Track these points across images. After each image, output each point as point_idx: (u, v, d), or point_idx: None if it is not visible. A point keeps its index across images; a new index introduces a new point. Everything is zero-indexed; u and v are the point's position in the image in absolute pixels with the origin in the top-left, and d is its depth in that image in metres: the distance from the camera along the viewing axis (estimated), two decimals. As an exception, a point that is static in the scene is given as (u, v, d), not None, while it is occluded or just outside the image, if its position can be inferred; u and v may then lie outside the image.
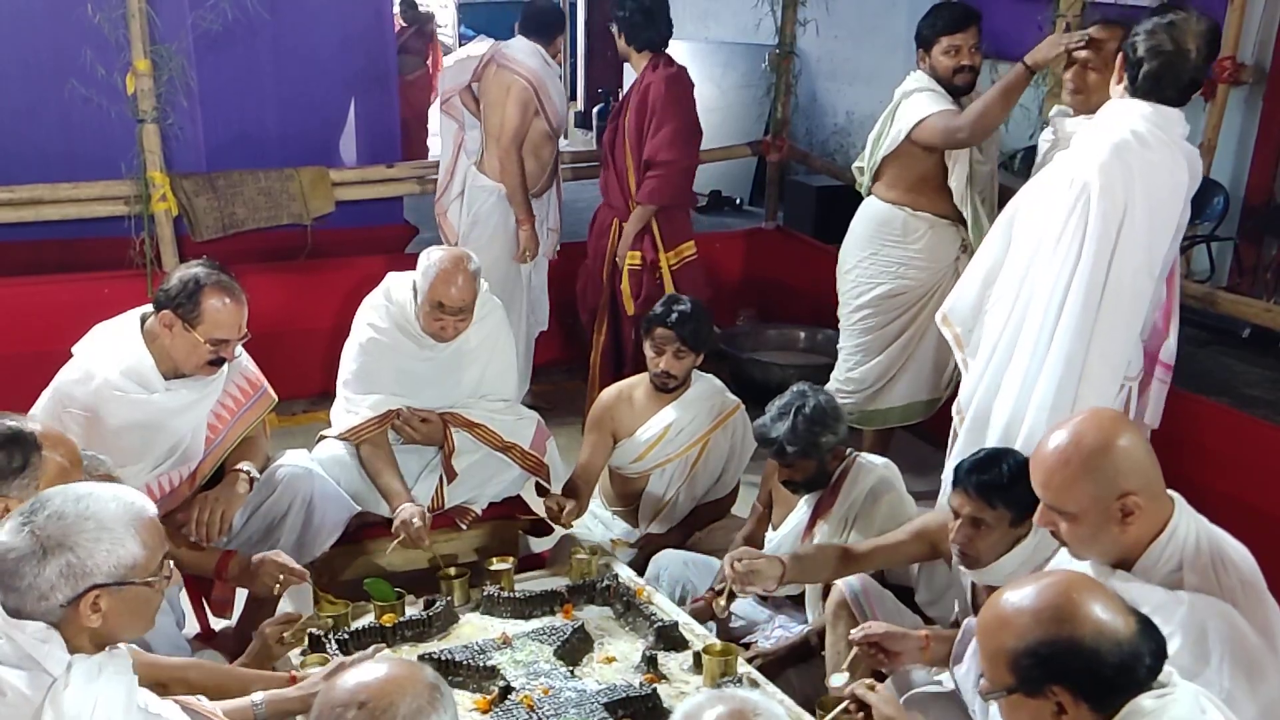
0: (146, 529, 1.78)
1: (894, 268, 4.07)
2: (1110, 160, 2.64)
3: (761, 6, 5.67)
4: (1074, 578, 1.62)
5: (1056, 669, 1.52)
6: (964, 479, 2.41)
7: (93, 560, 1.71)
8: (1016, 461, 2.38)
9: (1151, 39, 2.67)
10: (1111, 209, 2.62)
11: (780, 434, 2.89)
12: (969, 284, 2.99)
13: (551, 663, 2.63)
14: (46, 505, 1.73)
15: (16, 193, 4.57)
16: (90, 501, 1.75)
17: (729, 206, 8.88)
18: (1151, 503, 1.92)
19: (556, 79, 4.77)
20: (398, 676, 1.50)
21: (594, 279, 4.73)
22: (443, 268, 3.19)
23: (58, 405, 2.76)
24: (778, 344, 5.60)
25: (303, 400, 4.87)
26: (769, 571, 2.66)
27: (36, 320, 4.49)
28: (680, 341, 3.36)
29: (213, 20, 4.52)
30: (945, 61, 3.86)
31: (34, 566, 1.68)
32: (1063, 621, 1.53)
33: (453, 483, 3.35)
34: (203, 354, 2.82)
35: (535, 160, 4.72)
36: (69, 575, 1.69)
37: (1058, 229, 2.69)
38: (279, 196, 4.90)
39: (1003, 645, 1.56)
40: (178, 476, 2.93)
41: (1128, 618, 1.54)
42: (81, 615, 1.71)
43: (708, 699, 1.51)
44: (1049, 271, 2.70)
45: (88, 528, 1.71)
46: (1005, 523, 2.37)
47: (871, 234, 4.11)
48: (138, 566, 1.75)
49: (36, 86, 4.70)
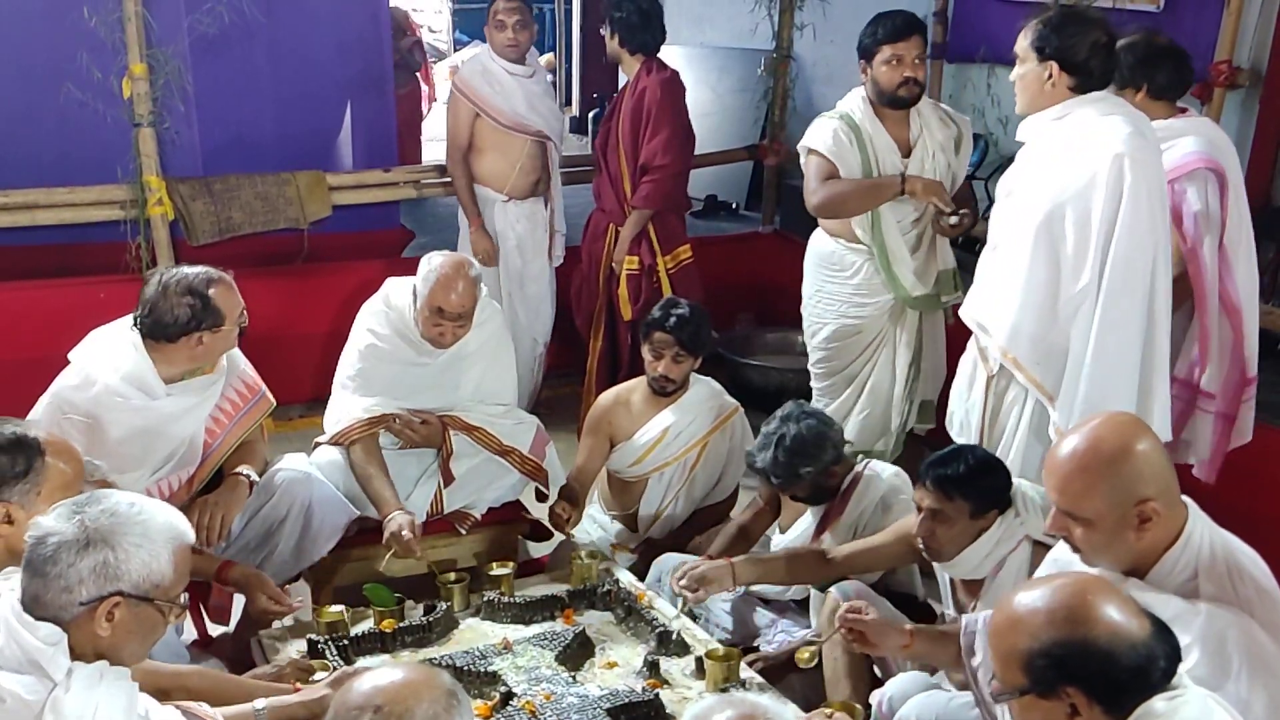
0: (181, 554, 1.80)
1: (837, 305, 3.81)
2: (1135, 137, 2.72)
3: (759, 11, 5.67)
4: (1088, 579, 1.61)
5: (1071, 670, 1.51)
6: (924, 473, 2.48)
7: (128, 565, 1.72)
8: (977, 457, 2.47)
9: (1087, 36, 2.77)
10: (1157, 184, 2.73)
11: (764, 465, 2.93)
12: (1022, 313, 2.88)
13: (553, 668, 2.62)
14: (102, 500, 1.76)
15: (11, 197, 4.54)
16: (143, 508, 1.78)
17: (725, 211, 8.87)
18: (1168, 510, 1.90)
19: (502, 75, 4.66)
20: (415, 681, 1.49)
21: (589, 284, 4.72)
22: (443, 273, 3.18)
23: (57, 411, 2.75)
24: (776, 348, 5.59)
25: (299, 405, 4.84)
26: (716, 576, 2.76)
27: (32, 325, 4.47)
28: (679, 345, 3.35)
29: (209, 24, 4.50)
30: (887, 73, 3.56)
31: (71, 555, 1.69)
32: (1077, 622, 1.52)
33: (451, 487, 3.33)
34: (233, 338, 2.91)
35: (501, 157, 4.71)
36: (101, 573, 1.70)
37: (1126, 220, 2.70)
38: (275, 201, 4.89)
39: (1015, 646, 1.55)
40: (176, 481, 2.92)
41: (1141, 620, 1.53)
42: (96, 620, 1.71)
43: (717, 703, 1.51)
44: (1138, 266, 2.73)
45: (134, 532, 1.74)
46: (965, 515, 2.42)
47: (813, 268, 3.90)
48: (163, 587, 1.77)
49: (32, 90, 4.66)
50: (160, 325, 2.79)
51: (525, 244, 4.80)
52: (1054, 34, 2.79)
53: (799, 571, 2.84)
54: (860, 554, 2.78)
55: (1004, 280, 2.91)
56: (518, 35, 4.61)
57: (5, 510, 1.99)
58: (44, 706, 1.64)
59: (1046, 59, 2.80)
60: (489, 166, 4.73)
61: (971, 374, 3.15)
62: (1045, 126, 2.85)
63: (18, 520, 1.99)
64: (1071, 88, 2.80)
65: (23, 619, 1.69)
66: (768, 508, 3.25)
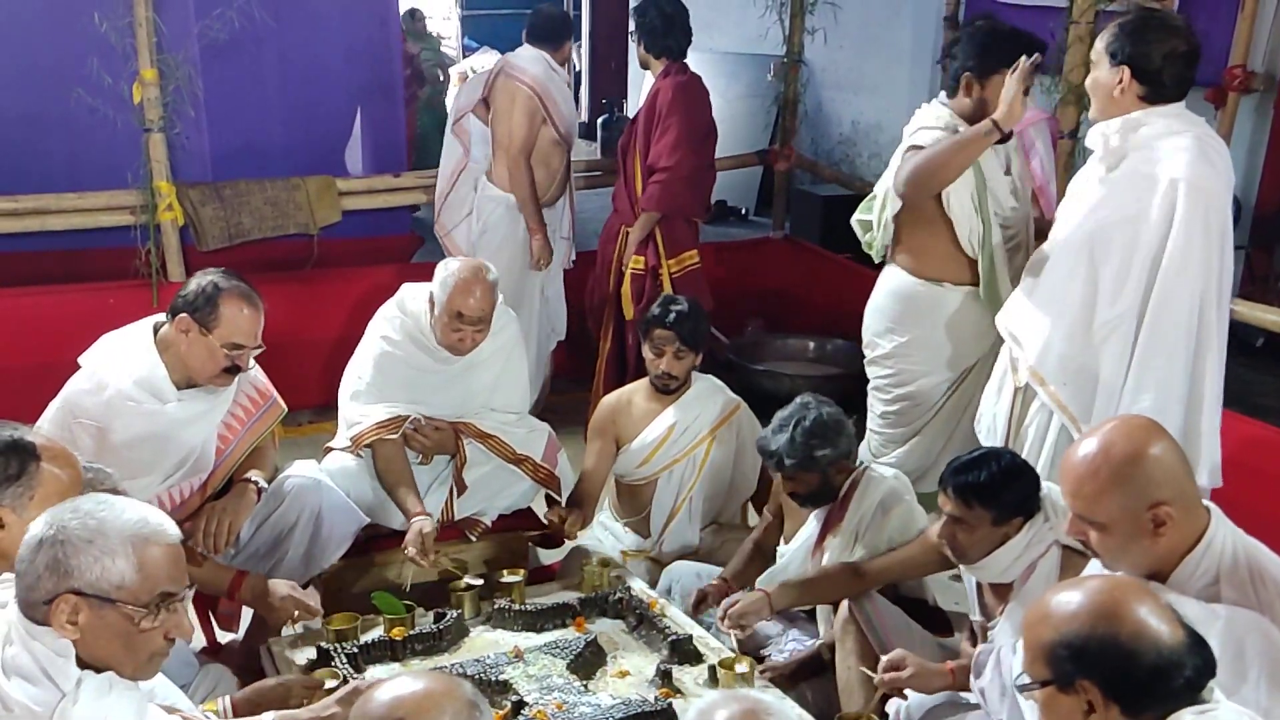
0: (147, 553, 1.70)
1: (926, 354, 3.51)
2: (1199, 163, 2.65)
3: (769, 16, 5.65)
4: (1127, 581, 1.60)
5: (1088, 662, 1.49)
6: (948, 478, 2.43)
7: (76, 561, 1.67)
8: (1001, 464, 2.40)
9: (1163, 44, 2.68)
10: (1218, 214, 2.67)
11: (779, 446, 2.86)
12: (1054, 331, 2.83)
13: (565, 677, 2.59)
14: (80, 502, 1.73)
15: (22, 202, 4.55)
16: (109, 508, 1.73)
17: (734, 217, 8.86)
18: (1185, 513, 1.87)
19: (563, 86, 4.76)
20: (436, 691, 1.45)
21: (601, 285, 4.74)
22: (461, 278, 3.16)
23: (67, 415, 2.73)
24: (787, 354, 5.57)
25: (308, 411, 4.83)
26: (756, 609, 2.77)
27: (42, 331, 4.47)
28: (680, 341, 3.34)
29: (219, 30, 4.50)
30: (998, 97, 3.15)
31: (31, 553, 1.68)
32: (1103, 617, 1.51)
33: (463, 495, 3.32)
34: (219, 360, 2.79)
35: (545, 169, 4.72)
36: (54, 569, 1.67)
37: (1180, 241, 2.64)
38: (285, 206, 4.88)
39: (1041, 637, 1.55)
40: (189, 488, 2.90)
41: (1176, 628, 1.50)
42: (54, 619, 1.67)
43: (722, 698, 1.50)
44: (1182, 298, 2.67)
45: (88, 527, 1.69)
46: (986, 522, 2.39)
47: (895, 314, 3.58)
48: (125, 588, 1.68)
49: (42, 95, 4.68)
50: (179, 296, 2.80)
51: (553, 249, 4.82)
52: (1129, 39, 2.70)
53: (833, 589, 2.79)
54: (892, 566, 2.75)
55: (1041, 294, 2.87)
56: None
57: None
58: (51, 717, 1.62)
59: (1119, 64, 2.72)
60: (537, 177, 4.68)
61: (1002, 379, 3.12)
62: (1109, 136, 2.78)
63: (9, 524, 1.94)
64: (1142, 97, 2.71)
65: (29, 626, 1.67)
66: (776, 521, 3.22)
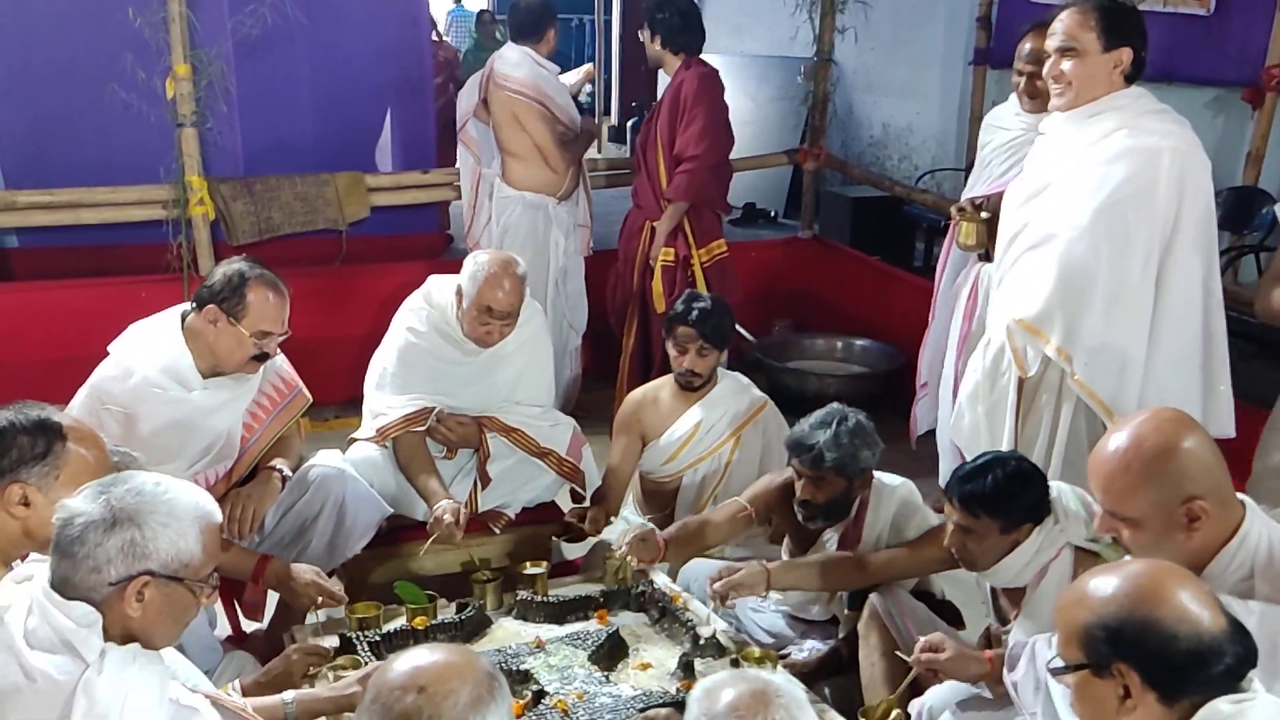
0: (209, 534, 1.78)
1: None
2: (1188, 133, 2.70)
3: (799, 15, 5.63)
4: (1167, 565, 1.55)
5: (1126, 645, 1.45)
6: (953, 487, 2.40)
7: (155, 543, 1.70)
8: (1006, 471, 2.35)
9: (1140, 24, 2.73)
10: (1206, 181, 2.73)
11: (821, 441, 2.78)
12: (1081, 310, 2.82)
13: (586, 668, 2.58)
14: (127, 480, 1.75)
15: (56, 196, 4.60)
16: (169, 487, 1.76)
17: (763, 219, 8.82)
18: (1220, 508, 1.83)
19: (552, 79, 4.72)
20: (457, 663, 1.45)
21: (624, 281, 4.75)
22: (491, 271, 3.16)
23: (95, 402, 2.75)
24: (814, 354, 5.55)
25: (333, 406, 4.85)
26: (752, 581, 2.72)
27: (74, 324, 4.51)
28: (703, 339, 3.31)
29: (252, 25, 4.53)
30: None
31: (98, 535, 1.68)
32: (1142, 600, 1.47)
33: (487, 488, 3.31)
34: (247, 348, 2.80)
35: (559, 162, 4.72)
36: (129, 552, 1.69)
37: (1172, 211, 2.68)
38: (315, 201, 4.91)
39: (1076, 619, 1.51)
40: (214, 475, 2.91)
41: (1217, 615, 1.46)
42: (126, 600, 1.69)
43: (729, 677, 1.48)
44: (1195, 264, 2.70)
45: (160, 510, 1.72)
46: (994, 531, 2.35)
47: None
48: (192, 566, 1.75)
49: (77, 90, 4.73)
50: (204, 287, 2.82)
51: (569, 242, 4.83)
52: (1122, 21, 2.73)
53: (834, 578, 2.77)
54: (896, 561, 2.73)
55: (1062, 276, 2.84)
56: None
57: (23, 492, 1.97)
58: (75, 687, 1.62)
59: (1116, 47, 2.73)
60: (545, 174, 4.70)
61: (988, 379, 3.08)
62: (1082, 119, 2.79)
63: (35, 503, 1.97)
64: (1128, 77, 2.75)
65: (54, 599, 1.68)
66: (746, 520, 3.02)
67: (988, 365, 3.10)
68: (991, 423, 3.08)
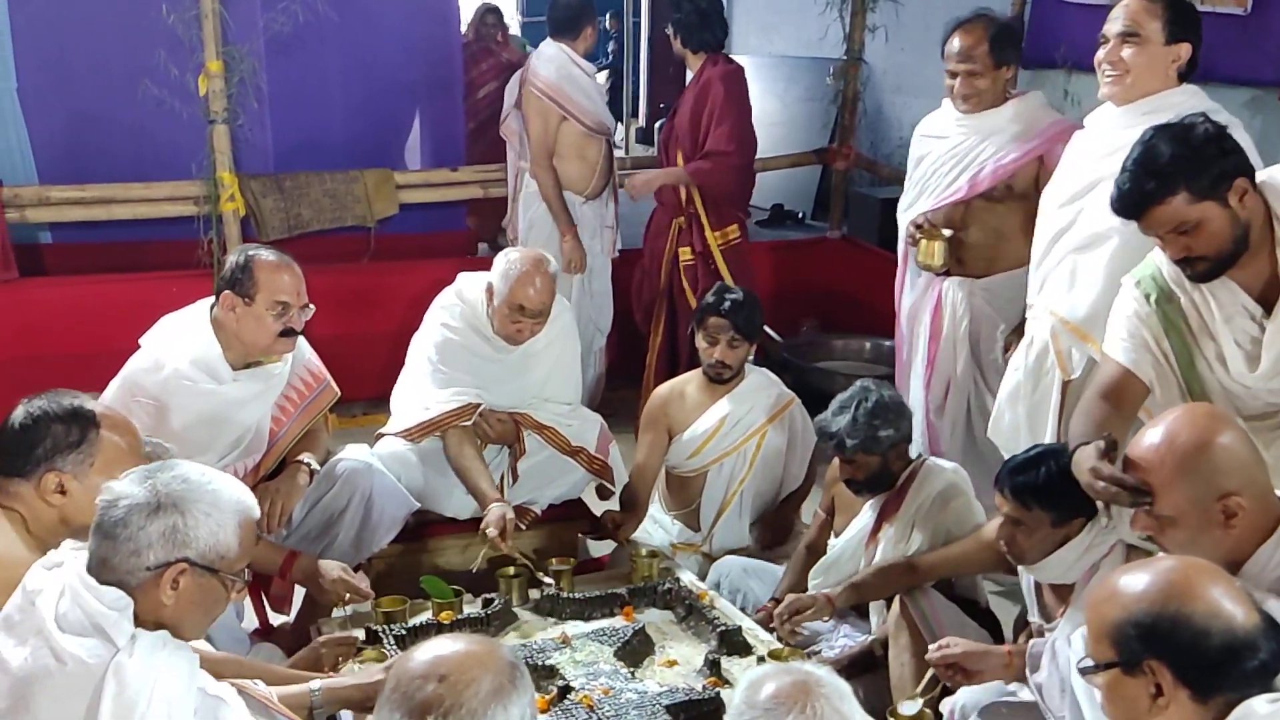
0: (246, 529, 1.80)
1: None
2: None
3: (829, 13, 5.60)
4: (1199, 562, 1.53)
5: (1158, 642, 1.43)
6: (1004, 479, 2.37)
7: (196, 532, 1.72)
8: (1059, 464, 2.30)
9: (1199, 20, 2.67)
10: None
11: (840, 427, 2.83)
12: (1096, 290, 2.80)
13: (612, 664, 2.57)
14: (174, 467, 1.77)
15: (88, 191, 4.64)
16: (213, 479, 1.79)
17: (791, 220, 8.80)
18: (1257, 503, 1.81)
19: (582, 78, 4.72)
20: (479, 653, 1.45)
21: (650, 279, 4.75)
22: (523, 269, 3.15)
23: (126, 394, 2.77)
24: (842, 354, 5.53)
25: (361, 403, 4.87)
26: (816, 608, 2.72)
27: (105, 319, 4.53)
28: (734, 330, 3.31)
29: (284, 23, 4.55)
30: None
31: (142, 519, 1.69)
32: (1174, 596, 1.45)
33: (515, 484, 3.31)
34: (269, 325, 2.80)
35: (581, 162, 4.73)
36: (170, 538, 1.70)
37: None
38: (344, 198, 4.93)
39: (1106, 616, 1.49)
40: (242, 468, 2.92)
41: (1250, 610, 1.44)
42: (161, 587, 1.71)
43: (773, 670, 1.48)
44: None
45: (205, 499, 1.74)
46: (1045, 524, 2.32)
47: None
48: (228, 559, 1.76)
49: (111, 87, 4.76)
50: (218, 277, 2.85)
51: (595, 243, 4.83)
52: (1187, 15, 2.68)
53: (890, 585, 2.75)
54: (947, 560, 2.71)
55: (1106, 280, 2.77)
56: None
57: (59, 480, 2.00)
58: (106, 670, 1.63)
59: (1178, 40, 2.68)
60: (574, 170, 4.72)
61: (1030, 379, 3.04)
62: (1136, 115, 2.70)
63: (71, 491, 1.99)
64: (1182, 74, 2.70)
65: (88, 583, 1.69)
66: (829, 519, 3.17)
67: (1030, 365, 3.06)
68: (1033, 423, 3.05)
